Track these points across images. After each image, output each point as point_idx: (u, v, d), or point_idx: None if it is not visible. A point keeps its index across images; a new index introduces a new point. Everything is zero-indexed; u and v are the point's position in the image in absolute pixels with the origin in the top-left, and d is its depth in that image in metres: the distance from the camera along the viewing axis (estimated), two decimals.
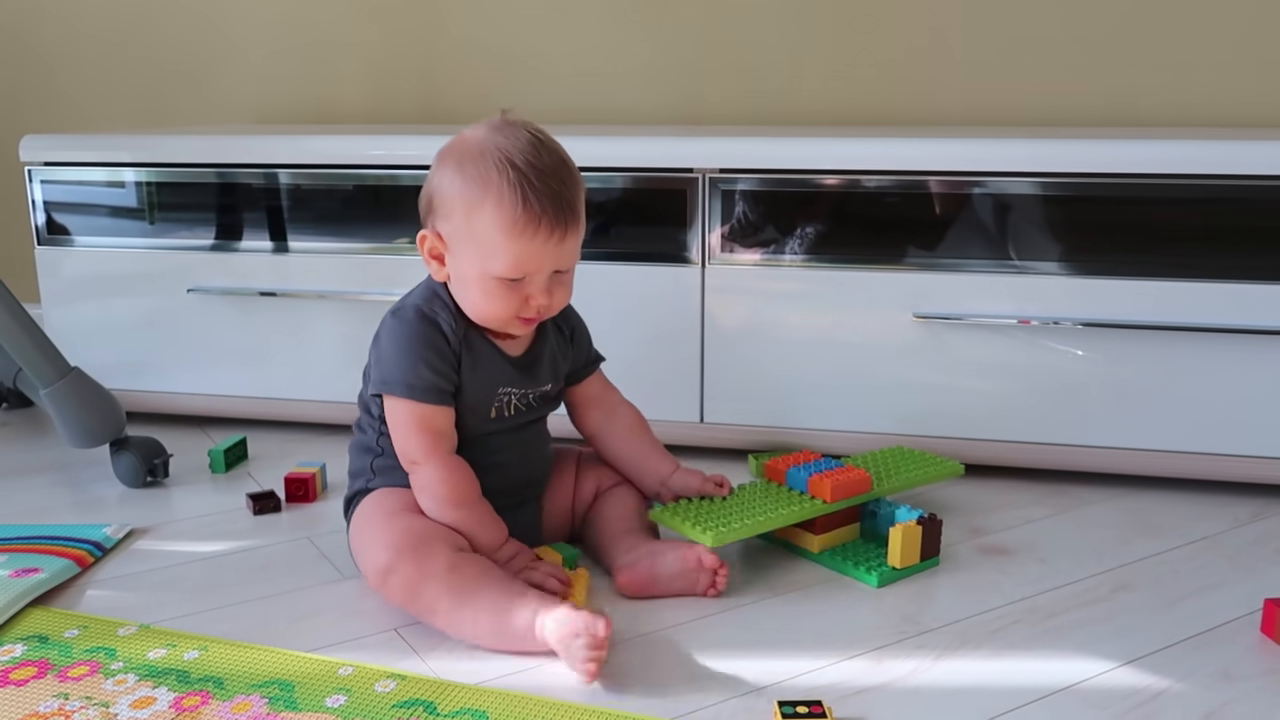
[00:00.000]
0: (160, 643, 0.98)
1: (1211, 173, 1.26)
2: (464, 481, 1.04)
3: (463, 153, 1.01)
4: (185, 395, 1.61)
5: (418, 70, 1.95)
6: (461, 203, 1.00)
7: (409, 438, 1.04)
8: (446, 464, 1.04)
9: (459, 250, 1.03)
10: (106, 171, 1.57)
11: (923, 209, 1.35)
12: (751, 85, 1.81)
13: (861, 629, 1.01)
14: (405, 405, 1.04)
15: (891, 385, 1.39)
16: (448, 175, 1.02)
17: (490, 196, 0.98)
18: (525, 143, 1.00)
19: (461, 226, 1.01)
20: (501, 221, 0.98)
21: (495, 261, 1.00)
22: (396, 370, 1.04)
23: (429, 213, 1.05)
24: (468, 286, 1.04)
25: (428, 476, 1.04)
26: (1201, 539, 1.22)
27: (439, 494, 1.03)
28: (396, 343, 1.05)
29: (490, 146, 1.00)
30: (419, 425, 1.03)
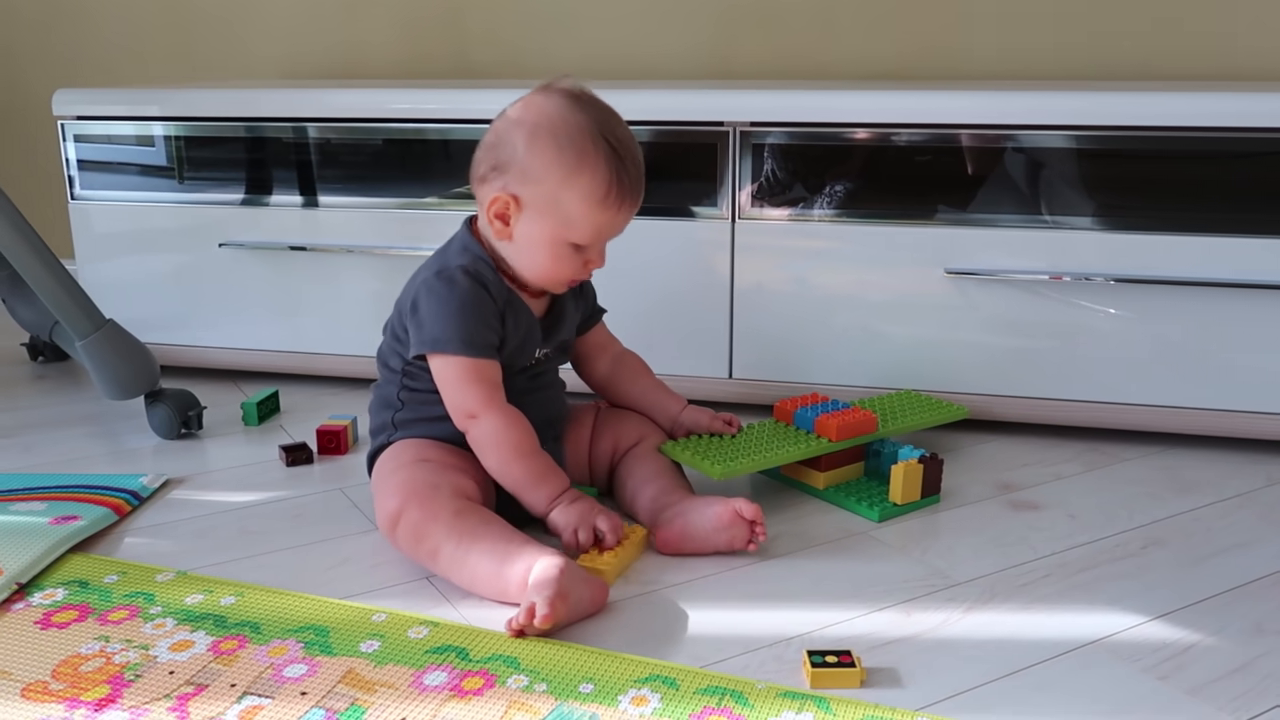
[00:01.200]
0: (197, 589, 0.99)
1: (1249, 125, 1.24)
2: (525, 432, 1.06)
3: (553, 122, 1.03)
4: (217, 349, 1.62)
5: (447, 24, 1.94)
6: (556, 171, 1.02)
7: (464, 391, 1.05)
8: (506, 414, 1.05)
9: (537, 215, 1.04)
10: (138, 126, 1.58)
11: (954, 163, 1.34)
12: (783, 39, 1.79)
13: (891, 582, 1.01)
14: (458, 361, 1.04)
15: (921, 341, 1.38)
16: (539, 143, 1.02)
17: (586, 169, 1.02)
18: (609, 117, 1.04)
19: (550, 193, 1.03)
20: (595, 193, 1.02)
21: (576, 230, 1.04)
22: (449, 329, 1.04)
23: (500, 174, 1.05)
24: (535, 249, 1.06)
25: (489, 428, 1.05)
26: (1234, 496, 1.21)
27: (503, 445, 1.05)
28: (446, 304, 1.05)
29: (582, 119, 1.03)
30: (474, 377, 1.05)
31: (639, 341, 1.27)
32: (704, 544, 1.06)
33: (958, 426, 1.39)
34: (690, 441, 1.17)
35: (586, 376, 1.24)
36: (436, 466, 1.05)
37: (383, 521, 1.04)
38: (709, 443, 1.17)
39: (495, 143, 1.06)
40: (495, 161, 1.05)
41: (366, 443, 1.36)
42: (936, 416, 1.29)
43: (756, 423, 1.24)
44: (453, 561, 0.98)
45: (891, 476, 1.15)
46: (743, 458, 1.12)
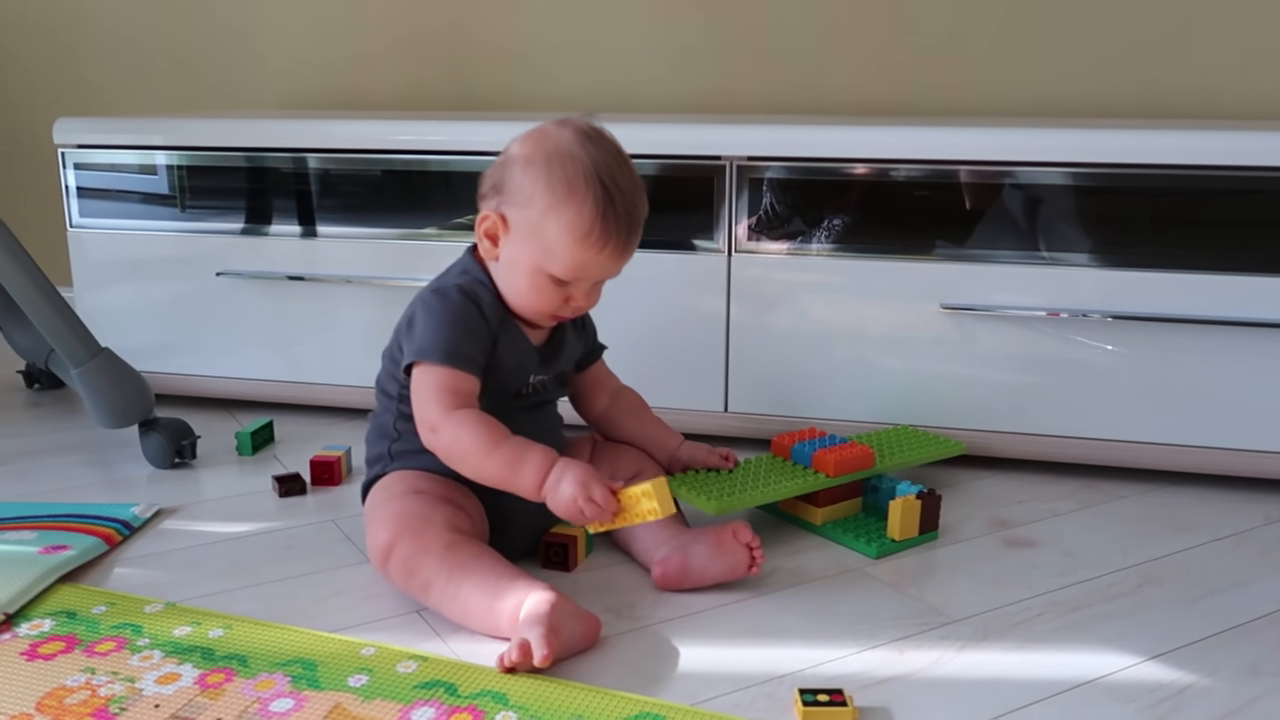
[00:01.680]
0: (185, 620, 0.98)
1: (1244, 164, 1.24)
2: (489, 425, 1.02)
3: (553, 152, 1.03)
4: (213, 378, 1.62)
5: (448, 56, 1.95)
6: (543, 199, 1.02)
7: (430, 400, 1.03)
8: (466, 415, 1.02)
9: (521, 239, 1.04)
10: (138, 155, 1.59)
11: (951, 199, 1.34)
12: (781, 74, 1.81)
13: (885, 619, 1.01)
14: (435, 371, 1.03)
15: (919, 376, 1.38)
16: (535, 170, 1.03)
17: (573, 204, 1.01)
18: (613, 158, 1.03)
19: (534, 220, 1.03)
20: (577, 229, 1.01)
21: (555, 262, 1.03)
22: (434, 339, 1.04)
23: (496, 194, 1.06)
24: (518, 274, 1.06)
25: (451, 434, 1.01)
26: (1231, 535, 1.20)
27: (469, 445, 1.01)
28: (438, 317, 1.05)
29: (582, 154, 1.02)
30: (443, 387, 1.03)
31: (635, 374, 1.27)
32: (703, 576, 1.05)
33: (955, 462, 1.38)
34: (687, 477, 1.17)
35: (584, 412, 1.24)
36: (429, 499, 1.04)
37: (374, 554, 1.03)
38: (706, 478, 1.16)
39: (501, 163, 1.07)
40: (495, 181, 1.07)
41: (361, 474, 1.35)
42: (934, 452, 1.29)
43: (754, 458, 1.24)
44: (444, 595, 0.98)
45: (889, 512, 1.15)
46: (740, 493, 1.12)
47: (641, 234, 1.06)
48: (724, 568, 1.05)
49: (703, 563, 1.05)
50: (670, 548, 1.06)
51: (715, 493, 1.12)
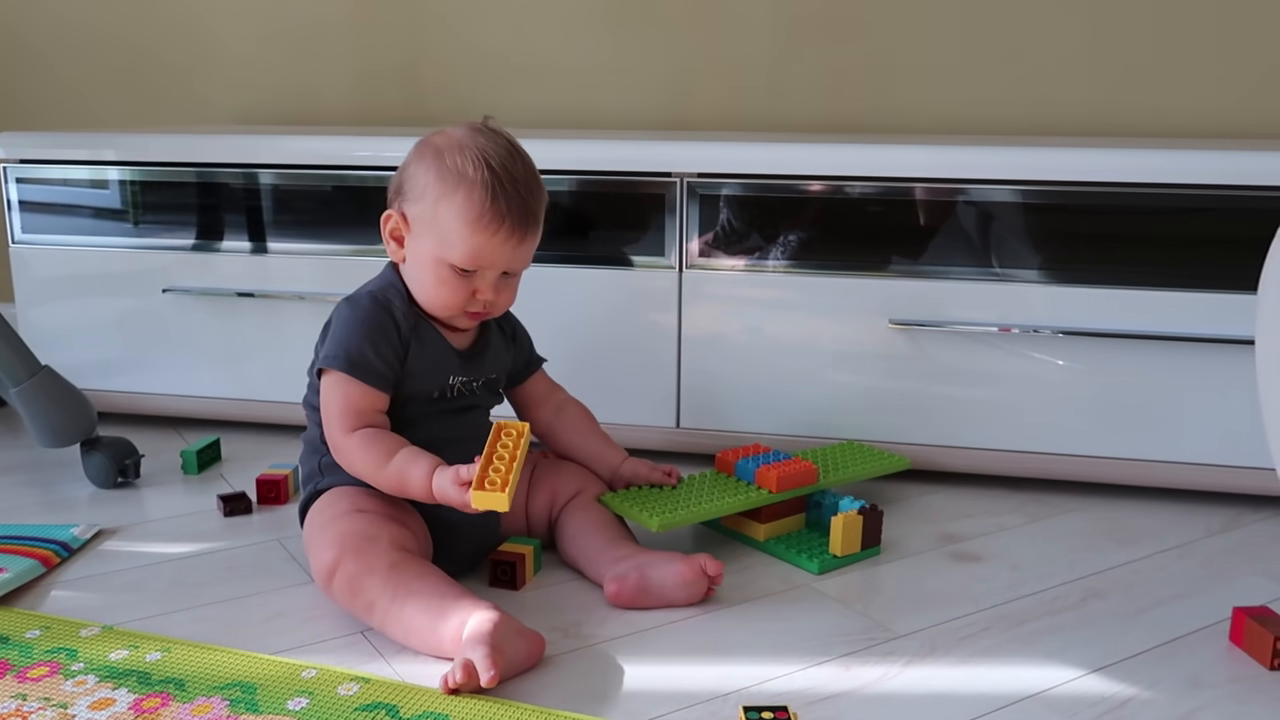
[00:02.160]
0: (122, 644, 0.97)
1: (1188, 182, 1.27)
2: (377, 446, 1.03)
3: (442, 145, 1.06)
4: (160, 396, 1.60)
5: (402, 73, 1.94)
6: (434, 189, 1.04)
7: (332, 417, 1.05)
8: (358, 438, 1.04)
9: (420, 234, 1.06)
10: (82, 170, 1.57)
11: (902, 216, 1.35)
12: (735, 91, 1.81)
13: (830, 635, 1.01)
14: (340, 381, 1.05)
15: (869, 392, 1.39)
16: (425, 163, 1.06)
17: (463, 188, 1.03)
18: (503, 149, 1.06)
19: (429, 211, 1.05)
20: (468, 213, 1.03)
21: (453, 250, 1.04)
22: (340, 347, 1.05)
23: (397, 195, 1.09)
24: (422, 270, 1.07)
25: (346, 458, 1.04)
26: (1174, 547, 1.22)
27: (360, 468, 1.04)
28: (346, 324, 1.07)
29: (471, 144, 1.05)
30: (346, 405, 1.04)
31: (588, 390, 1.27)
32: (660, 599, 1.05)
33: (902, 477, 1.39)
34: (630, 493, 1.17)
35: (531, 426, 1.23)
36: (373, 517, 1.03)
37: (318, 574, 1.02)
38: (648, 494, 1.16)
39: (401, 168, 1.10)
40: (396, 184, 1.09)
41: None
42: (878, 467, 1.30)
43: (697, 474, 1.23)
44: (388, 615, 0.97)
45: (831, 528, 1.15)
46: (682, 509, 1.12)
47: (541, 223, 1.08)
48: (682, 596, 1.05)
49: (662, 587, 1.04)
50: (627, 566, 1.06)
51: (658, 509, 1.11)
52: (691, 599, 1.05)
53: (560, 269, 1.43)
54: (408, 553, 1.01)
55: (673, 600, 1.05)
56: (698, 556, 1.05)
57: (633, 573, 1.05)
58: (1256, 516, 1.30)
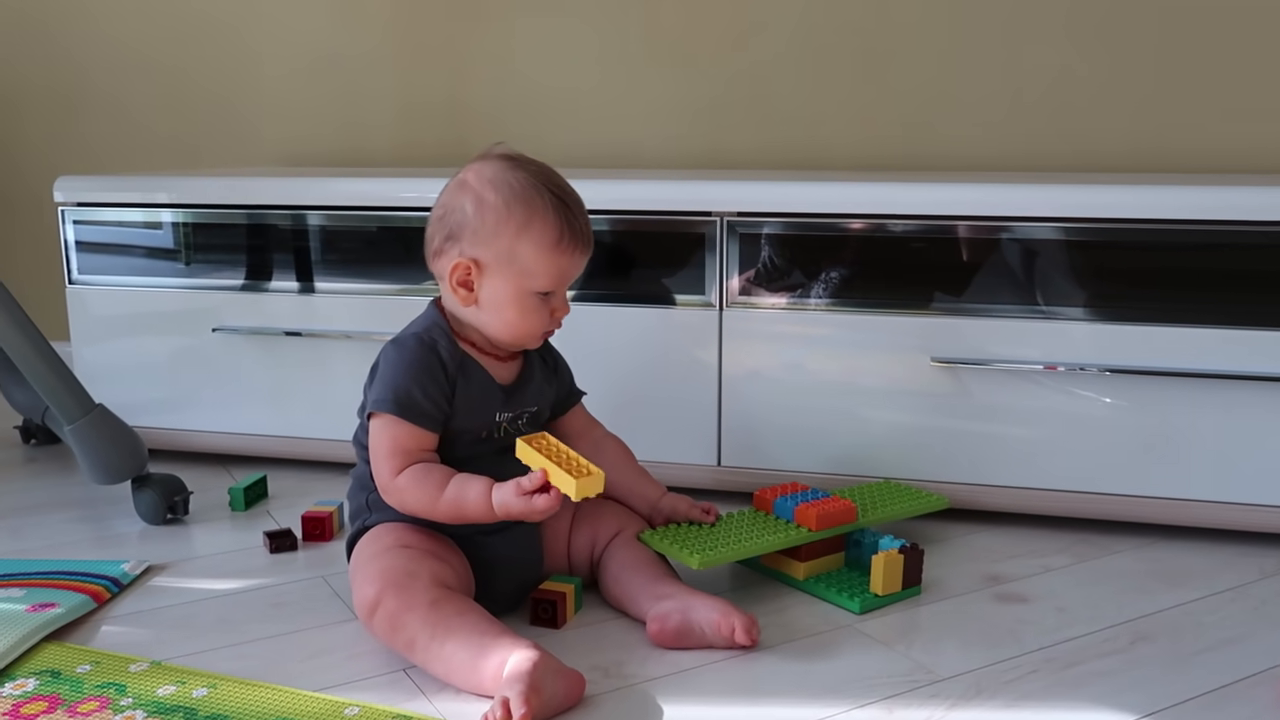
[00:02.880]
0: (170, 680, 0.98)
1: (1234, 219, 1.25)
2: (427, 481, 1.05)
3: (497, 183, 1.08)
4: (208, 433, 1.62)
5: (446, 114, 1.98)
6: (508, 227, 1.06)
7: (381, 459, 1.06)
8: (407, 476, 1.05)
9: (498, 273, 1.08)
10: (136, 212, 1.61)
11: (943, 253, 1.35)
12: (773, 130, 1.83)
13: (873, 677, 1.00)
14: (389, 423, 1.06)
15: (910, 430, 1.38)
16: (487, 204, 1.07)
17: (537, 218, 1.06)
18: (546, 171, 1.10)
19: (505, 249, 1.07)
20: (548, 239, 1.06)
21: (537, 278, 1.07)
22: (389, 389, 1.06)
23: (454, 244, 1.09)
24: (504, 307, 1.08)
25: (397, 498, 1.06)
26: (1226, 590, 1.19)
27: (414, 505, 1.05)
28: (393, 366, 1.08)
29: (521, 175, 1.08)
30: (394, 446, 1.06)
31: (627, 427, 1.27)
32: (701, 641, 1.04)
33: (945, 516, 1.38)
34: (669, 530, 1.16)
35: None
36: (415, 553, 1.04)
37: (360, 609, 1.03)
38: (687, 531, 1.16)
39: (443, 215, 1.10)
40: (448, 232, 1.09)
41: None
42: (916, 506, 1.29)
43: (735, 511, 1.23)
44: (428, 652, 0.97)
45: (872, 567, 1.14)
46: (722, 547, 1.12)
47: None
48: (722, 642, 1.04)
49: (703, 635, 1.04)
50: (670, 605, 1.06)
51: (698, 547, 1.11)
52: (730, 645, 1.04)
53: (601, 307, 1.44)
54: (449, 590, 1.01)
55: (713, 644, 1.04)
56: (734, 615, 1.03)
57: (675, 613, 1.05)
58: None
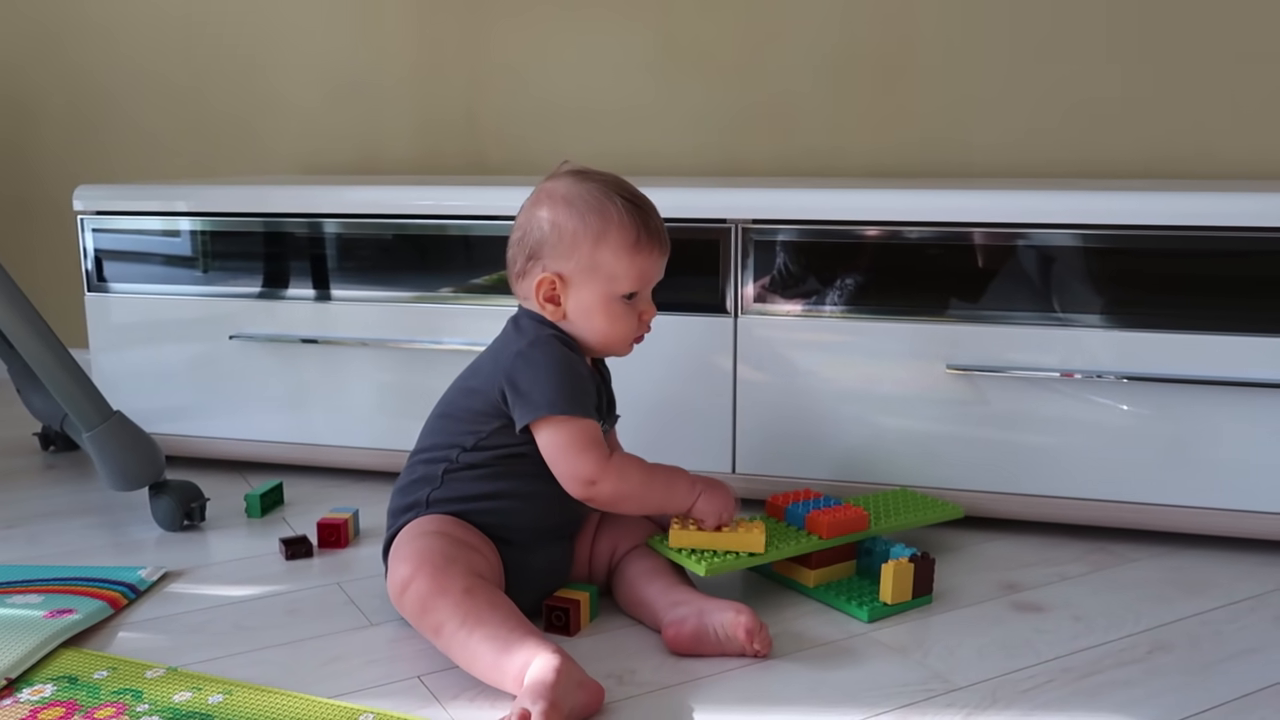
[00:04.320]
0: (186, 686, 0.98)
1: (1252, 225, 1.24)
2: (642, 462, 1.12)
3: (569, 197, 1.10)
4: (225, 440, 1.63)
5: (462, 122, 1.98)
6: (586, 237, 1.09)
7: (580, 458, 1.07)
8: (619, 460, 1.10)
9: (582, 283, 1.10)
10: (155, 220, 1.62)
11: (959, 261, 1.34)
12: (788, 137, 1.83)
13: (888, 686, 0.99)
14: (570, 424, 1.07)
15: (927, 437, 1.37)
16: (561, 220, 1.10)
17: (612, 225, 1.09)
18: (614, 181, 1.13)
19: (586, 259, 1.09)
20: (626, 242, 1.09)
21: (620, 282, 1.10)
22: (555, 391, 1.07)
23: (536, 262, 1.11)
24: (593, 316, 1.11)
25: (615, 480, 1.08)
26: (1245, 599, 1.18)
27: (636, 484, 1.09)
28: (546, 370, 1.08)
29: (590, 186, 1.11)
30: (586, 442, 1.07)
31: (644, 435, 1.28)
32: (716, 648, 1.04)
33: (960, 524, 1.37)
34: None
35: None
36: (455, 542, 1.05)
37: (392, 586, 1.04)
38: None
39: (522, 236, 1.12)
40: (529, 252, 1.12)
41: (367, 536, 1.37)
42: (930, 515, 1.28)
43: (748, 518, 1.22)
44: (454, 640, 0.98)
45: (882, 575, 1.14)
46: (730, 555, 1.11)
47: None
48: (736, 649, 1.04)
49: (718, 640, 1.04)
50: (686, 610, 1.06)
51: (705, 554, 1.11)
52: (745, 651, 1.04)
53: None
54: (483, 579, 1.02)
55: (727, 651, 1.04)
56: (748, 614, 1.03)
57: (691, 618, 1.05)
58: None
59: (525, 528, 1.11)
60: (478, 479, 1.10)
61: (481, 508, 1.10)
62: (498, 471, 1.10)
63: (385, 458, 1.55)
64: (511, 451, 1.10)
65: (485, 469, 1.10)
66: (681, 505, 1.12)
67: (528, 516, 1.11)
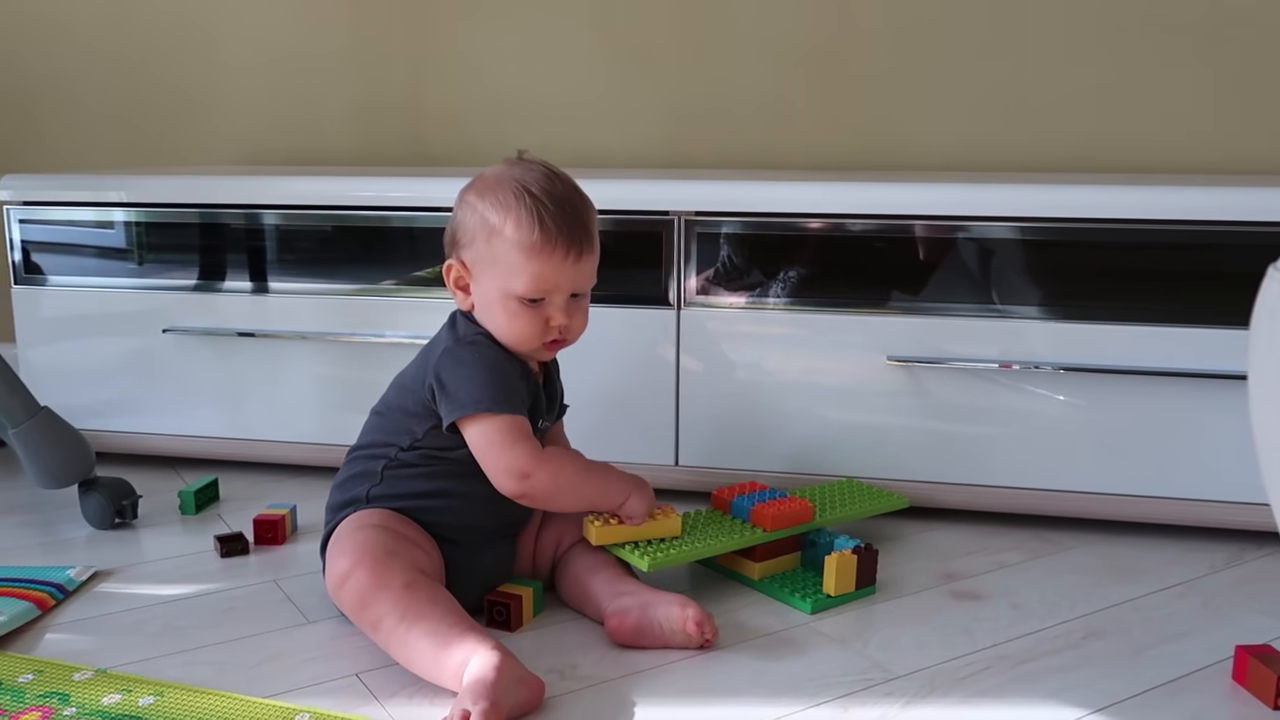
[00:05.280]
0: (116, 688, 0.96)
1: (1185, 218, 1.27)
2: (573, 460, 1.10)
3: (483, 185, 1.09)
4: (159, 436, 1.60)
5: (404, 113, 1.96)
6: (483, 228, 1.06)
7: (512, 450, 1.04)
8: (553, 452, 1.08)
9: (482, 274, 1.08)
10: (84, 211, 1.58)
11: (900, 253, 1.35)
12: (733, 129, 1.83)
13: (829, 676, 1.00)
14: (500, 421, 1.05)
15: (868, 429, 1.38)
16: (471, 205, 1.08)
17: (510, 220, 1.05)
18: (540, 174, 1.08)
19: (484, 251, 1.07)
20: (521, 241, 1.05)
21: (516, 281, 1.06)
22: (482, 389, 1.05)
23: (453, 245, 1.10)
24: (493, 310, 1.08)
25: (550, 473, 1.06)
26: (1176, 584, 1.21)
27: (571, 477, 1.08)
28: (472, 368, 1.06)
29: (507, 177, 1.08)
30: (517, 435, 1.05)
31: (587, 428, 1.27)
32: (658, 640, 1.04)
33: (901, 514, 1.38)
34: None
35: None
36: (397, 536, 1.04)
37: (330, 579, 1.03)
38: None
39: (450, 222, 1.11)
40: (450, 236, 1.11)
41: (305, 532, 1.34)
42: (875, 506, 1.29)
43: (693, 511, 1.23)
44: (392, 636, 0.97)
45: (825, 568, 1.14)
46: (674, 548, 1.11)
47: (596, 236, 1.09)
48: (679, 640, 1.04)
49: (661, 631, 1.04)
50: (629, 602, 1.05)
51: (649, 548, 1.10)
52: (689, 644, 1.04)
53: None
54: (424, 575, 1.01)
55: (670, 643, 1.04)
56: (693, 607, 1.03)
57: (635, 610, 1.04)
58: (1259, 553, 1.29)
59: (466, 527, 1.10)
60: (416, 477, 1.09)
61: (421, 505, 1.09)
62: (435, 471, 1.09)
63: (324, 453, 1.53)
64: (446, 454, 1.09)
65: (423, 468, 1.09)
66: (614, 502, 1.10)
67: (468, 516, 1.10)
